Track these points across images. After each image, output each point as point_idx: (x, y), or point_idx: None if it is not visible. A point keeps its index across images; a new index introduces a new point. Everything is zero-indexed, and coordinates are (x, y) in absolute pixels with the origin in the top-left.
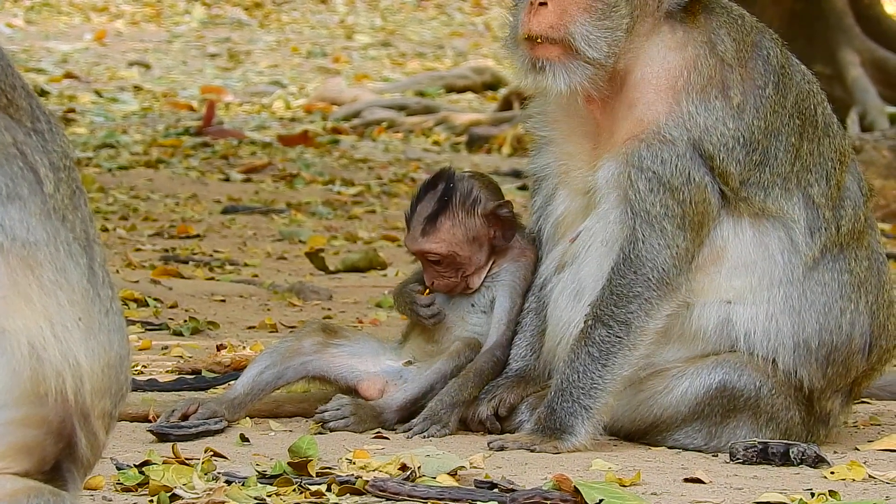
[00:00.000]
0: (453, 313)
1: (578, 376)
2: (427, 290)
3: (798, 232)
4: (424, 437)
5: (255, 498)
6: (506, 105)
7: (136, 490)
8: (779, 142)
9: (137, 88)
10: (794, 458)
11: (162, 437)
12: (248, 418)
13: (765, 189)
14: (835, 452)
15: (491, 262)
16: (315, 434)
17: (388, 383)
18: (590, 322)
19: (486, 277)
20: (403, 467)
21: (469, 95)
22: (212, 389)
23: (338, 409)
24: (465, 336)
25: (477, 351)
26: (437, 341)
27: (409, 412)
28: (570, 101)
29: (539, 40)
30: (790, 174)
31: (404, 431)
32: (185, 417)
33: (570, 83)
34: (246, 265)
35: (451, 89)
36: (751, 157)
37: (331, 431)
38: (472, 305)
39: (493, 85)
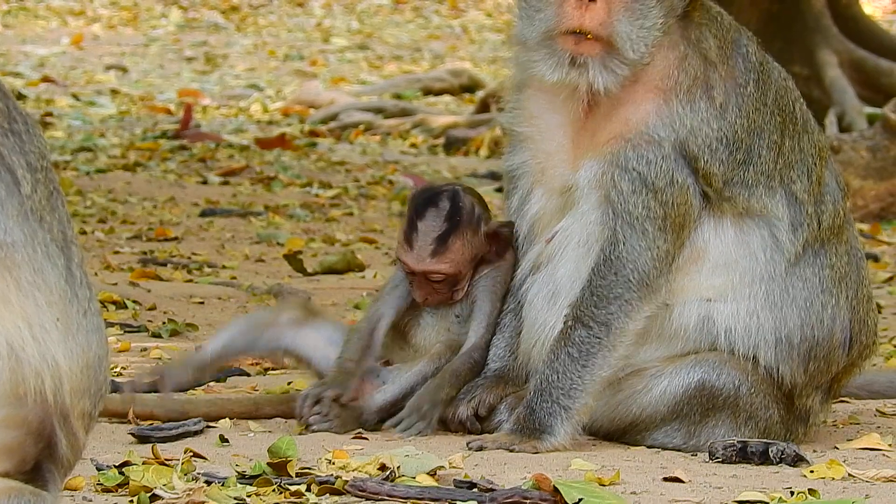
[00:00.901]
0: (438, 323)
1: (558, 377)
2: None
3: (781, 229)
4: (405, 436)
5: (235, 498)
6: (483, 107)
7: (116, 490)
8: (761, 140)
9: (115, 92)
10: (774, 457)
11: (142, 438)
12: (227, 420)
13: (749, 188)
14: (814, 451)
15: (473, 271)
16: (298, 434)
17: (364, 382)
18: (569, 322)
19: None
20: (383, 467)
21: (446, 98)
22: (191, 391)
23: (320, 412)
24: (447, 338)
25: (454, 350)
26: (415, 345)
27: (388, 413)
28: (558, 98)
29: (589, 35)
30: (773, 171)
31: (393, 426)
32: (153, 389)
33: (607, 82)
34: (224, 267)
35: (428, 92)
36: (734, 156)
37: (312, 433)
38: (457, 316)
39: (470, 87)
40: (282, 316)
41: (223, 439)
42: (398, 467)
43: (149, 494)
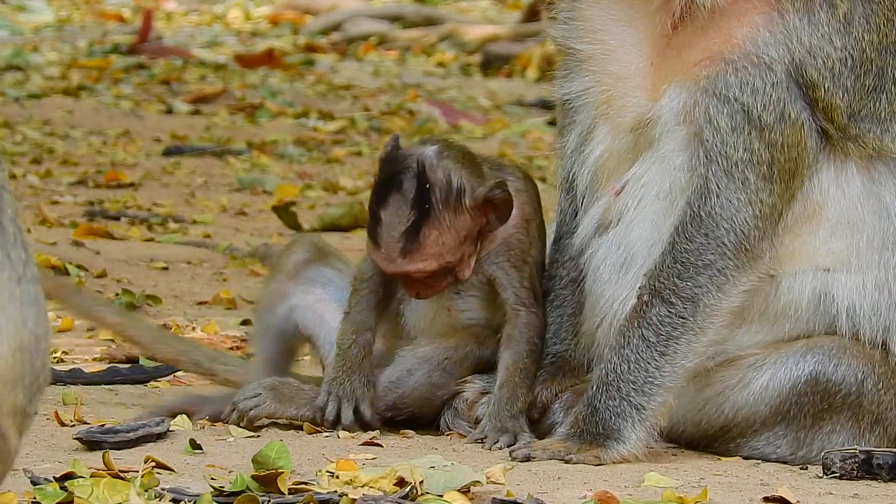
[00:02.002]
0: (433, 302)
1: (629, 367)
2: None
3: None
4: (493, 448)
5: None
6: (531, 15)
7: None
8: None
9: None
10: None
11: (91, 443)
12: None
13: (881, 123)
14: None
15: (480, 243)
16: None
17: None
18: (645, 298)
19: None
20: (401, 482)
21: (483, 2)
22: (152, 382)
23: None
24: (461, 324)
25: (481, 341)
26: (407, 332)
27: (388, 407)
28: (636, 7)
29: None
30: None
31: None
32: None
33: None
34: (195, 222)
35: None
36: (862, 81)
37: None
38: (458, 293)
39: None
40: (282, 273)
41: (194, 445)
42: (421, 482)
43: None
